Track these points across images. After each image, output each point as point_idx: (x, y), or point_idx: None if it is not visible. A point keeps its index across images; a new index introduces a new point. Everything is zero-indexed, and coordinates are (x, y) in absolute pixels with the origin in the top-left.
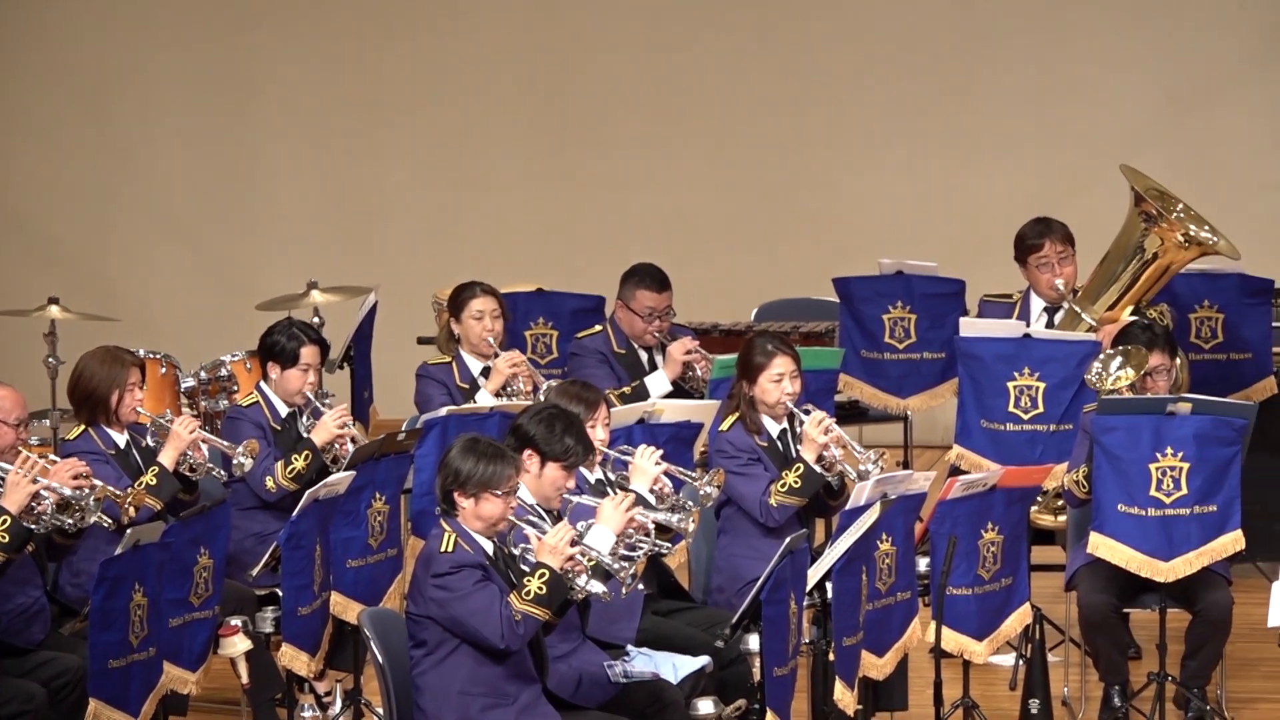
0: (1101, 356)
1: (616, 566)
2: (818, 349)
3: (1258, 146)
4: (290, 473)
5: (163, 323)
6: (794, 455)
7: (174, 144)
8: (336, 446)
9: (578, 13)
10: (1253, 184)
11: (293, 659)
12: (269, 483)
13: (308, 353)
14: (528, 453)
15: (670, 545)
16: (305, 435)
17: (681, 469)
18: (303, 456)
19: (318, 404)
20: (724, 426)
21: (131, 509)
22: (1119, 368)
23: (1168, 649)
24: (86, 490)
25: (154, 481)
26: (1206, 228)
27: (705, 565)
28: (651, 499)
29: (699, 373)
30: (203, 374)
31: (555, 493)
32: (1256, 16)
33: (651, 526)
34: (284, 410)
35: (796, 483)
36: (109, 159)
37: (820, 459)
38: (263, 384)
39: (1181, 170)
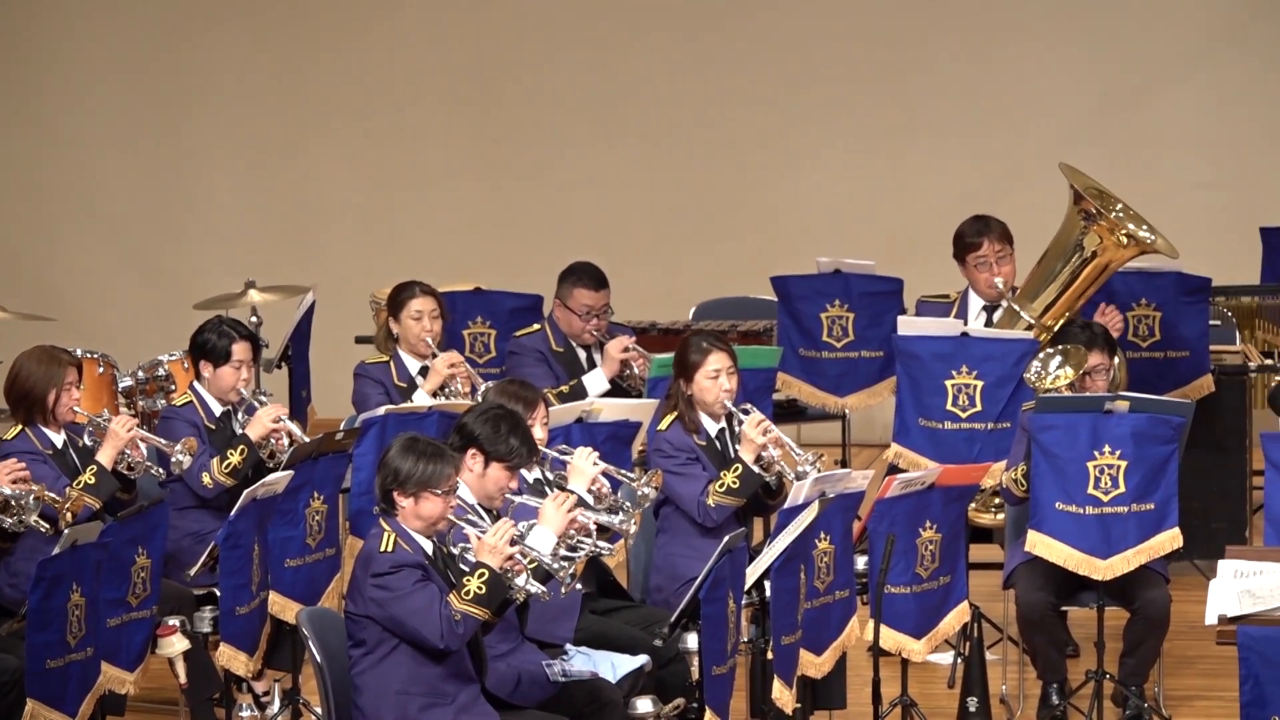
0: (1041, 356)
1: (556, 566)
2: (756, 348)
3: (1195, 145)
4: (226, 468)
5: (100, 322)
6: (732, 455)
7: (111, 144)
8: (272, 441)
9: (514, 12)
10: (1190, 182)
11: (231, 659)
12: (205, 478)
13: (239, 349)
14: (471, 452)
15: (610, 546)
16: (241, 433)
17: (619, 469)
18: (238, 451)
19: (252, 401)
20: (662, 426)
21: (70, 513)
22: (1058, 367)
23: (1106, 647)
24: (25, 491)
25: (92, 481)
26: (1145, 226)
27: (644, 564)
28: (589, 499)
29: (636, 371)
30: (140, 373)
31: (498, 493)
32: (1193, 15)
33: (593, 527)
34: (218, 409)
35: (735, 483)
36: (45, 159)
37: (758, 459)
38: (196, 384)
39: (1120, 168)
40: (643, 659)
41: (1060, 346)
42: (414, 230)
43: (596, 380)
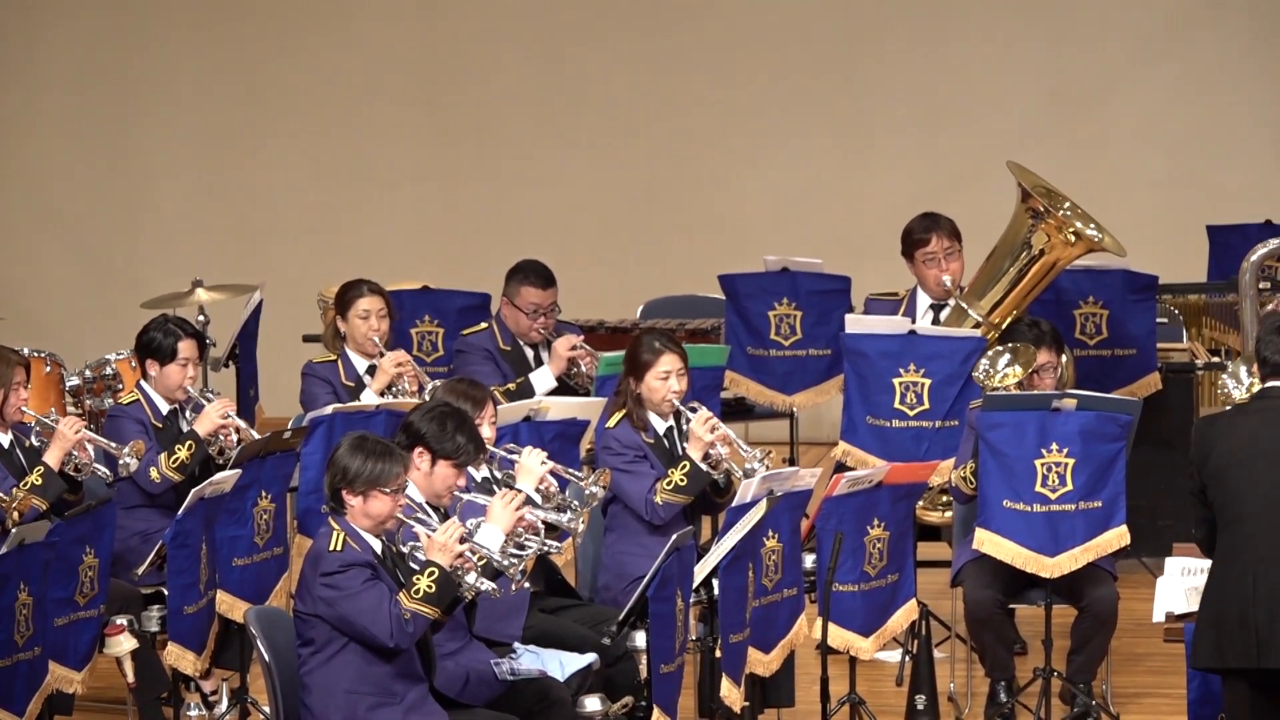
0: (990, 353)
1: (505, 564)
2: (704, 346)
3: (1143, 144)
4: (174, 463)
5: (47, 321)
6: (680, 453)
7: (58, 141)
8: (221, 438)
9: (464, 11)
10: (1138, 181)
11: (178, 658)
12: (153, 473)
13: (185, 347)
14: (419, 450)
15: (558, 545)
16: (189, 429)
17: (567, 468)
18: (186, 446)
19: (199, 399)
20: (611, 423)
21: (16, 513)
22: (1007, 365)
23: (1053, 644)
24: None
25: (39, 481)
26: (1093, 225)
27: (592, 563)
28: (537, 498)
29: (584, 369)
30: (88, 373)
31: (446, 491)
32: (1142, 14)
33: (541, 525)
34: (165, 407)
35: (682, 480)
36: None
37: (706, 457)
38: (143, 383)
39: (1067, 167)
40: (591, 657)
41: (1009, 344)
42: (362, 229)
43: (543, 378)
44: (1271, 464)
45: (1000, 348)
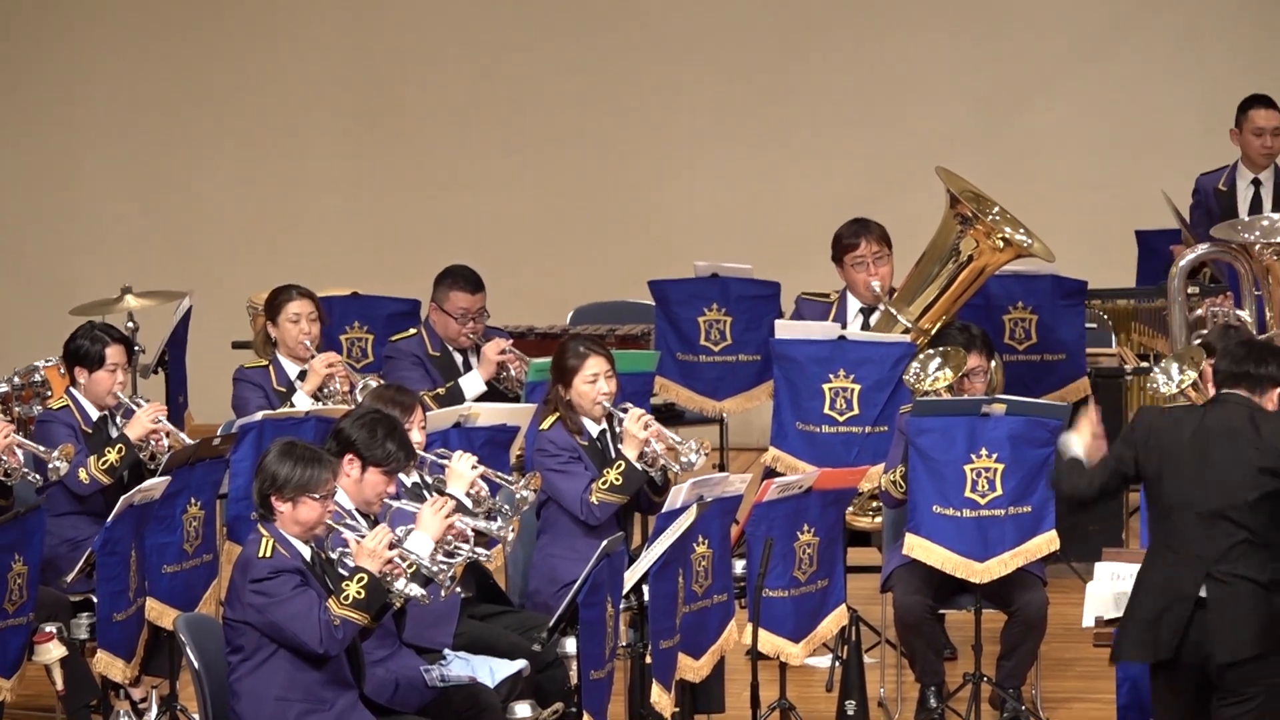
0: (920, 357)
1: (435, 569)
2: (633, 352)
3: (1072, 148)
4: (103, 465)
5: None
6: (614, 454)
7: None
8: (152, 442)
9: (394, 16)
10: (1067, 185)
11: (108, 665)
12: (82, 474)
13: (113, 352)
14: (349, 458)
15: (488, 552)
16: (120, 433)
17: (498, 473)
18: (116, 450)
19: (129, 404)
20: (544, 426)
21: None
22: (938, 368)
23: (983, 649)
24: None
25: None
26: (1022, 230)
27: (523, 568)
28: (468, 503)
29: (513, 373)
30: (16, 379)
31: (376, 498)
32: (1072, 19)
33: (471, 533)
34: (95, 413)
35: (618, 480)
36: None
37: (642, 455)
38: (72, 389)
39: (996, 171)
40: (521, 663)
41: (940, 348)
42: (291, 235)
43: (473, 382)
44: (1215, 469)
45: (931, 351)
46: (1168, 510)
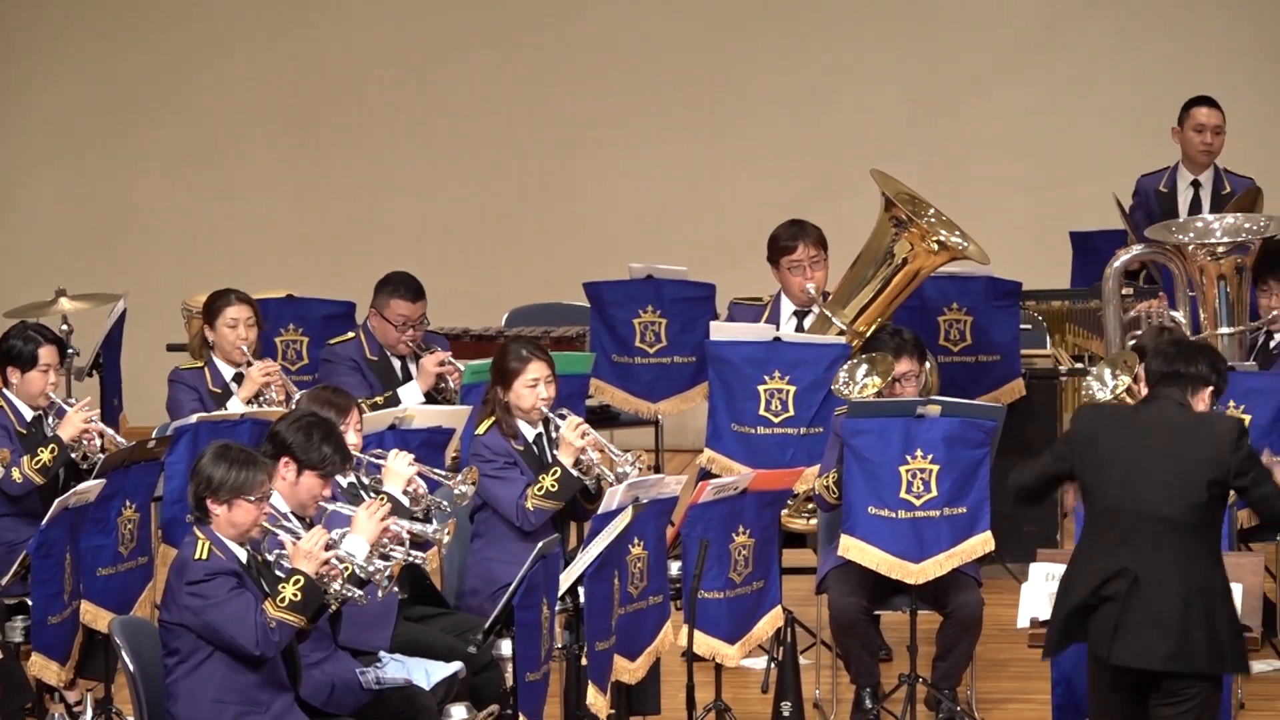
0: (847, 365)
1: (371, 569)
2: (569, 354)
3: (1005, 150)
4: (36, 464)
5: None
6: (550, 459)
7: None
8: (85, 442)
9: (328, 17)
10: (1002, 187)
11: (43, 668)
12: (15, 474)
13: (45, 353)
14: (285, 460)
15: (423, 555)
16: (53, 433)
17: (434, 470)
18: (49, 449)
19: (62, 404)
20: (480, 430)
21: None
22: (865, 375)
23: (918, 650)
24: None
25: None
26: (957, 233)
27: (459, 569)
28: (405, 501)
29: (451, 384)
30: None
31: (312, 501)
32: (1008, 20)
33: (406, 536)
34: (29, 414)
35: (553, 486)
36: None
37: (577, 463)
38: (5, 390)
39: (931, 173)
40: (456, 666)
41: (867, 355)
42: (226, 237)
43: (411, 393)
44: (1148, 471)
45: (858, 358)
46: (1102, 510)
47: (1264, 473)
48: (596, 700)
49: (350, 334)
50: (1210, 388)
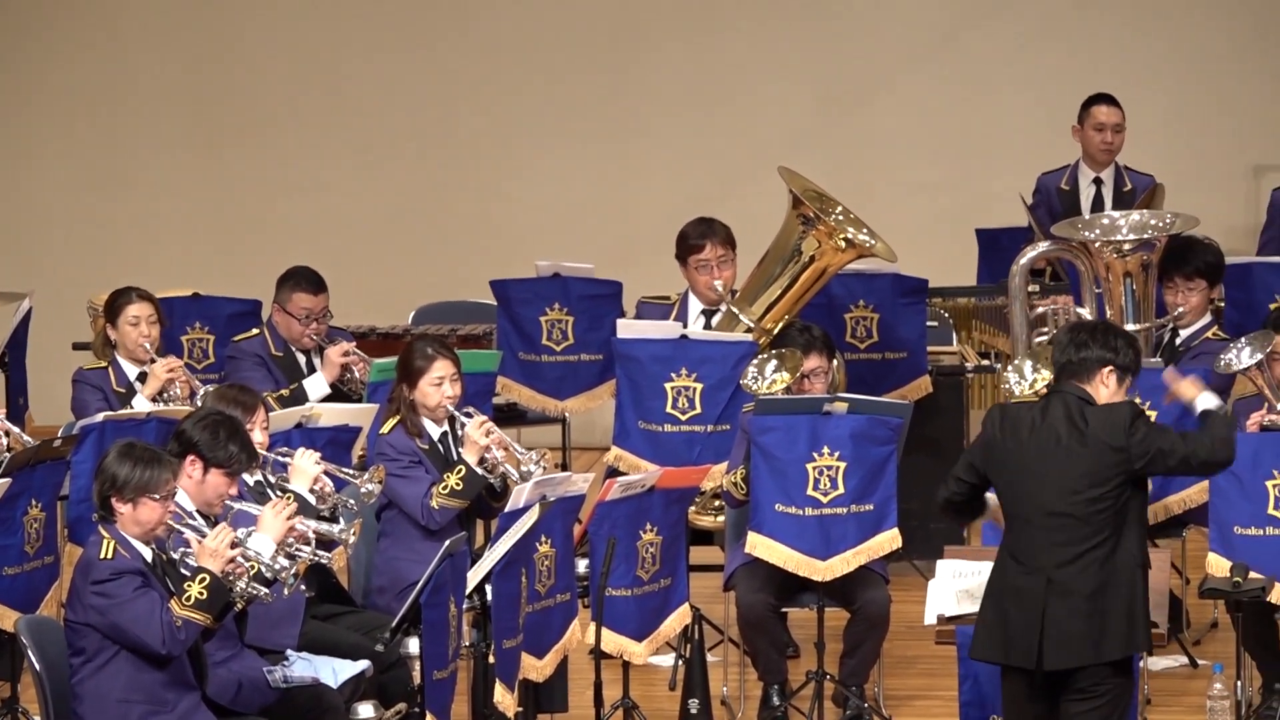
0: (755, 361)
1: (278, 567)
2: (475, 352)
3: (911, 148)
4: None
5: None
6: (455, 458)
7: None
8: None
9: (230, 15)
10: (907, 185)
11: None
12: None
13: None
14: (190, 459)
15: (329, 555)
16: None
17: (341, 468)
18: None
19: None
20: (384, 429)
21: None
22: (774, 371)
23: (826, 647)
24: None
25: None
26: (864, 230)
27: (366, 568)
28: (312, 499)
29: (357, 375)
30: None
31: (218, 499)
32: (909, 18)
33: (312, 535)
34: None
35: (458, 485)
36: None
37: (482, 461)
38: None
39: (838, 169)
40: (364, 664)
41: (774, 351)
42: (131, 236)
43: (317, 384)
44: (1051, 469)
45: (766, 354)
46: (1013, 512)
47: (1169, 443)
48: (504, 698)
49: (254, 330)
50: (1107, 367)
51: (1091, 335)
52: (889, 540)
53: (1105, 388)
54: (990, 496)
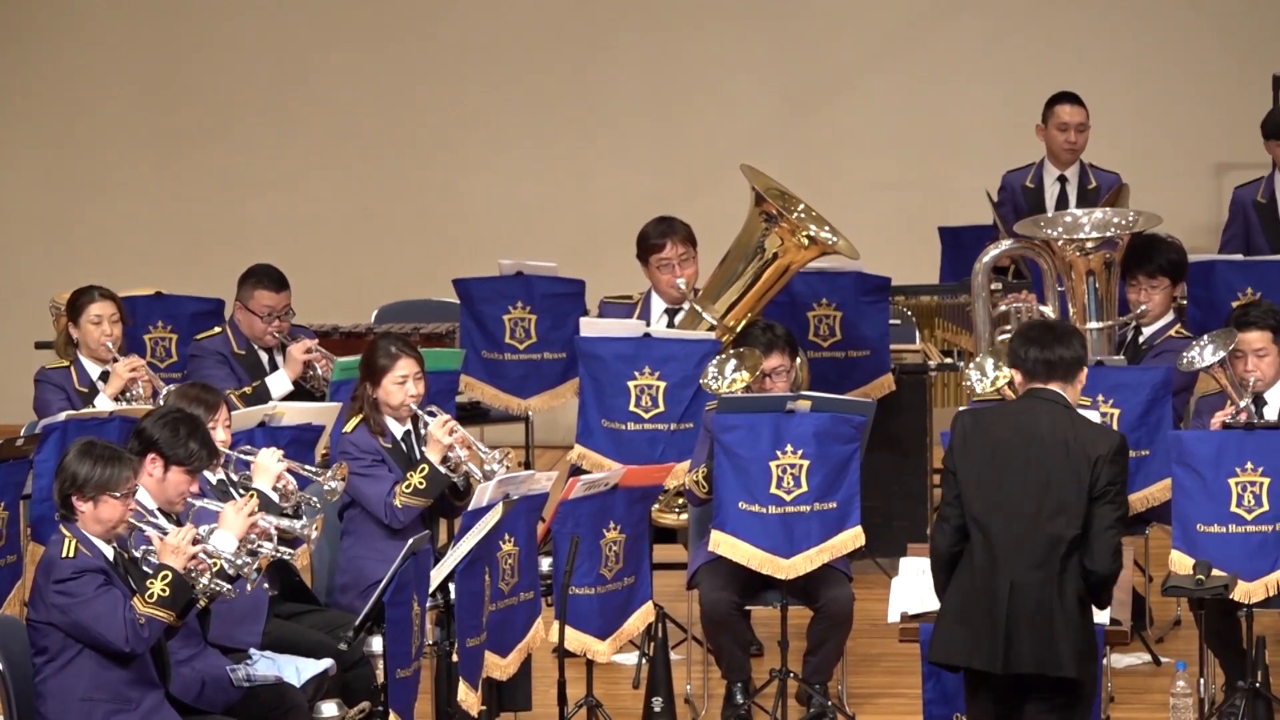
0: (715, 361)
1: (240, 563)
2: (438, 350)
3: (874, 146)
4: None
5: None
6: (418, 457)
7: None
8: None
9: (196, 14)
10: (869, 183)
11: None
12: None
13: None
14: (151, 457)
15: (292, 551)
16: None
17: (304, 465)
18: None
19: None
20: (348, 428)
21: None
22: (734, 370)
23: (789, 645)
24: None
25: None
26: (827, 228)
27: (329, 566)
28: (275, 497)
29: (320, 372)
30: None
31: (179, 497)
32: (872, 17)
33: (274, 531)
34: None
35: (421, 483)
36: None
37: (445, 460)
38: None
39: (801, 168)
40: (327, 663)
41: (735, 350)
42: (93, 234)
43: (279, 382)
44: (1029, 476)
45: (726, 354)
46: (985, 516)
47: (1118, 508)
48: (468, 697)
49: (217, 329)
50: (1085, 369)
51: (1071, 333)
52: (852, 538)
53: (1075, 391)
54: None
